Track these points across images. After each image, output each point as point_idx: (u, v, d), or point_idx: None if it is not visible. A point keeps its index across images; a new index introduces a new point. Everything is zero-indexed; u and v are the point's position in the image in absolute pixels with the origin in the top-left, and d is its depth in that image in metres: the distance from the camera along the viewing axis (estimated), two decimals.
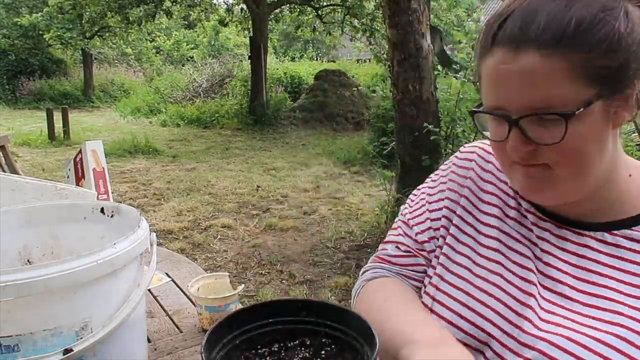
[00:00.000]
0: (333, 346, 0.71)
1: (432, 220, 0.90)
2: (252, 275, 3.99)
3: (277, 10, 14.07)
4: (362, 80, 15.98)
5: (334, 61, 24.13)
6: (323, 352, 0.70)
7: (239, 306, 1.36)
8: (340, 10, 13.53)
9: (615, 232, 0.71)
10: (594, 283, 0.70)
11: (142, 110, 15.05)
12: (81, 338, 0.75)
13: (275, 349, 0.71)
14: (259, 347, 0.72)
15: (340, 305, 0.76)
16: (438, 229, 0.89)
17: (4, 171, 4.22)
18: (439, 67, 6.86)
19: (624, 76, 0.64)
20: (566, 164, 0.68)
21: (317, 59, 28.44)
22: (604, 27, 0.62)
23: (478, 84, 0.76)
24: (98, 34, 17.68)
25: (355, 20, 13.50)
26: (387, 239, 0.97)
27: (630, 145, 6.23)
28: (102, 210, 1.04)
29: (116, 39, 18.97)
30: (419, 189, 0.97)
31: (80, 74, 20.20)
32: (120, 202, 1.05)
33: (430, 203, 0.92)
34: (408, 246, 0.92)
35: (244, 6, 13.38)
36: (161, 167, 8.19)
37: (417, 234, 0.91)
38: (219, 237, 4.90)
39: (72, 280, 0.72)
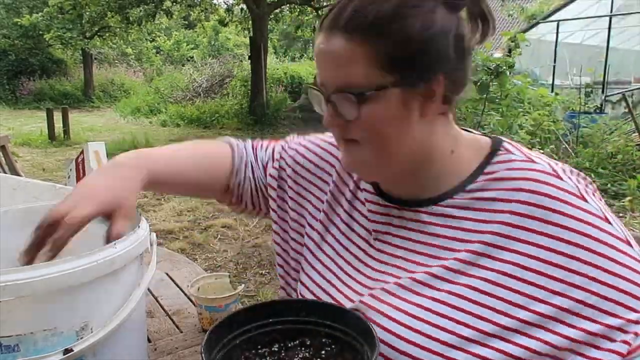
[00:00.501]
0: (333, 346, 0.72)
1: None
2: (252, 275, 3.99)
3: (277, 10, 14.07)
4: None
5: None
6: (323, 352, 0.71)
7: (239, 306, 1.36)
8: None
9: (442, 203, 0.78)
10: (429, 255, 0.77)
11: (142, 110, 15.05)
12: (81, 338, 0.75)
13: (276, 349, 0.71)
14: (259, 347, 0.72)
15: (341, 306, 0.76)
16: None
17: (4, 171, 4.22)
18: None
19: (421, 69, 0.71)
20: (369, 141, 0.75)
21: None
22: (400, 21, 0.69)
23: None
24: (98, 34, 17.68)
25: None
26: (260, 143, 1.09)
27: (631, 145, 6.25)
28: None
29: (116, 39, 18.96)
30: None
31: (80, 74, 20.21)
32: None
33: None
34: (263, 165, 1.05)
35: (244, 6, 13.38)
36: None
37: (271, 169, 1.03)
38: (219, 237, 4.90)
39: (73, 280, 0.72)
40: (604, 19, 10.35)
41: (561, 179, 0.73)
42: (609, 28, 10.12)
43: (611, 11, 10.31)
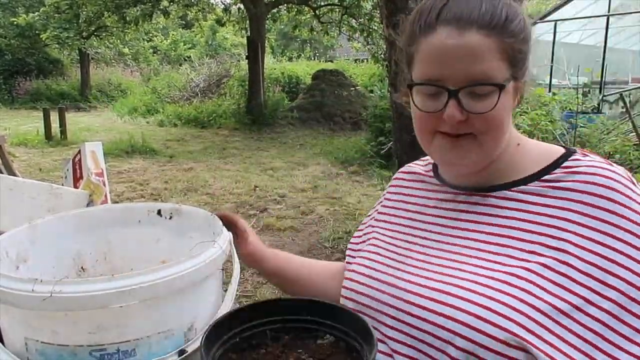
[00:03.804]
0: (332, 345, 0.72)
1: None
2: (250, 275, 3.99)
3: (275, 10, 14.06)
4: (360, 80, 16.00)
5: (331, 61, 24.12)
6: (322, 351, 0.70)
7: (237, 306, 1.36)
8: (337, 10, 13.52)
9: (514, 189, 0.84)
10: (500, 235, 0.82)
11: (139, 110, 15.01)
12: (188, 339, 0.75)
13: (275, 348, 0.71)
14: (258, 345, 0.72)
15: (340, 305, 0.76)
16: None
17: (0, 171, 4.21)
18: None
19: (525, 62, 0.81)
20: (490, 131, 0.80)
21: (314, 59, 28.41)
22: (520, 22, 0.79)
23: (405, 61, 0.87)
24: (95, 33, 17.63)
25: (353, 20, 13.51)
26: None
27: (628, 145, 6.25)
28: (158, 212, 1.01)
29: (113, 39, 18.92)
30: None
31: (77, 73, 20.15)
32: (159, 201, 1.03)
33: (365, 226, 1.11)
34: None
35: (242, 6, 13.36)
36: (158, 167, 8.18)
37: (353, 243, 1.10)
38: None
39: (187, 281, 0.72)
40: (602, 18, 10.36)
41: (634, 184, 0.78)
42: (607, 28, 10.14)
43: (609, 11, 10.33)
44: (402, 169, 1.10)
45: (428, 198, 0.96)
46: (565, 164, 0.82)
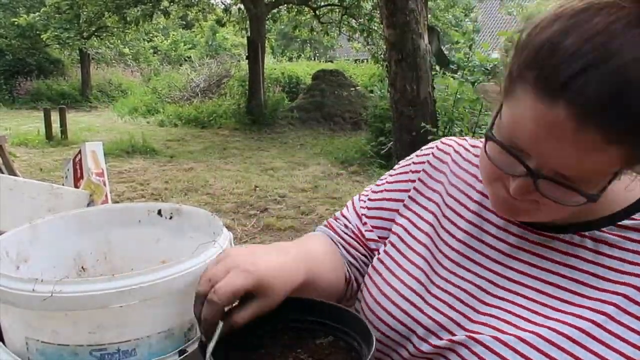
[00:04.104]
0: (332, 345, 0.72)
1: (384, 219, 0.90)
2: None
3: (275, 10, 14.08)
4: (360, 80, 15.99)
5: (331, 61, 24.13)
6: (322, 350, 0.71)
7: None
8: (337, 10, 13.54)
9: (584, 232, 0.70)
10: (551, 284, 0.69)
11: (139, 110, 15.02)
12: (188, 339, 0.75)
13: (274, 348, 0.71)
14: (257, 345, 0.72)
15: (340, 305, 0.76)
16: (389, 229, 0.89)
17: (1, 171, 4.21)
18: (437, 67, 6.87)
19: None
20: (554, 215, 0.67)
21: (314, 59, 28.43)
22: None
23: (502, 88, 0.66)
24: (95, 34, 17.64)
25: (353, 20, 13.52)
26: (343, 212, 0.99)
27: None
28: (159, 212, 1.00)
29: (113, 39, 18.93)
30: (385, 177, 0.98)
31: (77, 74, 20.16)
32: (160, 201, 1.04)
33: (388, 200, 0.92)
34: (356, 234, 0.93)
35: (242, 6, 13.38)
36: (159, 167, 8.19)
37: (367, 231, 0.92)
38: None
39: (187, 281, 0.71)
40: None
41: None
42: None
43: None
44: (447, 142, 0.91)
45: (480, 213, 0.80)
46: None
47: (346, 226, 0.95)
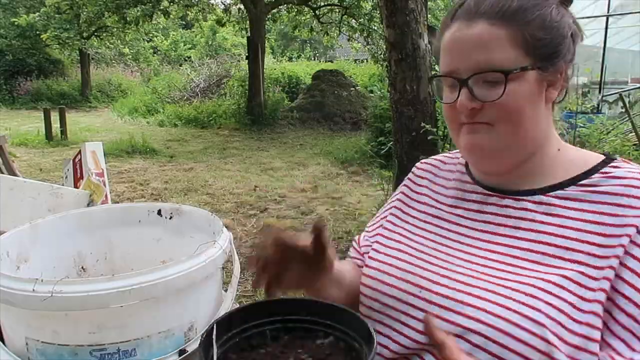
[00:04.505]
0: (332, 345, 0.72)
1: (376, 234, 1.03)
2: (250, 275, 3.99)
3: (275, 10, 14.06)
4: (360, 80, 15.99)
5: (331, 61, 24.13)
6: (322, 351, 0.71)
7: (237, 306, 1.36)
8: (337, 10, 13.53)
9: (549, 193, 0.83)
10: (532, 240, 0.80)
11: (139, 110, 15.02)
12: (188, 339, 0.75)
13: (274, 348, 0.71)
14: (257, 345, 0.72)
15: (340, 305, 0.76)
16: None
17: (1, 171, 4.21)
18: (437, 67, 6.87)
19: (554, 53, 0.80)
20: (505, 120, 0.80)
21: (314, 59, 28.43)
22: (539, 10, 0.79)
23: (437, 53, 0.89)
24: (95, 34, 17.62)
25: (353, 20, 13.51)
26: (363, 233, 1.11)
27: (628, 145, 6.25)
28: (159, 212, 1.01)
29: (113, 39, 18.89)
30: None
31: (77, 74, 20.14)
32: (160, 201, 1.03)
33: (381, 219, 1.06)
34: (358, 252, 1.07)
35: (242, 6, 13.36)
36: (159, 167, 8.18)
37: (362, 246, 1.06)
38: None
39: (187, 281, 0.72)
40: (601, 19, 10.36)
41: None
42: (606, 28, 10.14)
43: (608, 11, 10.32)
44: (426, 160, 1.07)
45: (458, 197, 0.94)
46: (604, 169, 0.82)
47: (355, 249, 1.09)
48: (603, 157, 0.85)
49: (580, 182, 0.82)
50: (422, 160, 1.08)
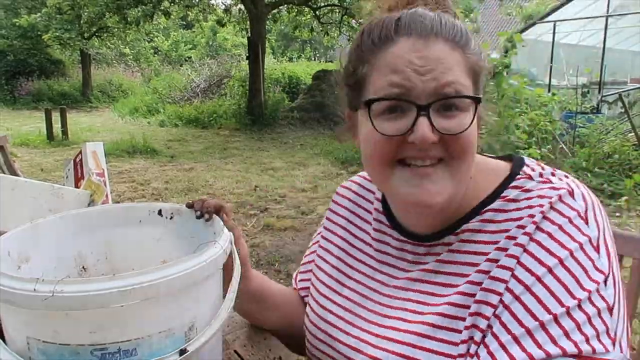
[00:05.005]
0: None
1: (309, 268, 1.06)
2: None
3: (275, 11, 14.07)
4: None
5: (331, 61, 24.13)
6: None
7: None
8: (337, 10, 13.53)
9: (456, 231, 0.78)
10: (426, 282, 0.80)
11: (140, 110, 15.03)
12: (189, 339, 0.75)
13: None
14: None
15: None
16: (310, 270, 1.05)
17: (2, 171, 4.21)
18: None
19: (481, 85, 0.74)
20: (463, 157, 0.70)
21: (314, 59, 28.46)
22: (476, 41, 0.74)
23: (352, 89, 0.79)
24: (96, 34, 17.66)
25: (353, 20, 13.51)
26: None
27: (627, 145, 6.26)
28: (159, 212, 1.00)
29: (114, 40, 18.94)
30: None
31: (78, 74, 20.17)
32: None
33: (311, 252, 1.07)
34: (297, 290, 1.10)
35: (242, 6, 13.37)
36: (159, 167, 8.19)
37: (299, 289, 1.08)
38: None
39: (188, 281, 0.72)
40: (601, 19, 10.37)
41: (573, 199, 0.70)
42: (606, 29, 10.15)
43: (607, 12, 10.33)
44: (345, 185, 1.04)
45: (376, 239, 0.91)
46: (505, 192, 0.76)
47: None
48: (509, 173, 0.78)
49: (482, 211, 0.76)
50: (342, 185, 1.05)
